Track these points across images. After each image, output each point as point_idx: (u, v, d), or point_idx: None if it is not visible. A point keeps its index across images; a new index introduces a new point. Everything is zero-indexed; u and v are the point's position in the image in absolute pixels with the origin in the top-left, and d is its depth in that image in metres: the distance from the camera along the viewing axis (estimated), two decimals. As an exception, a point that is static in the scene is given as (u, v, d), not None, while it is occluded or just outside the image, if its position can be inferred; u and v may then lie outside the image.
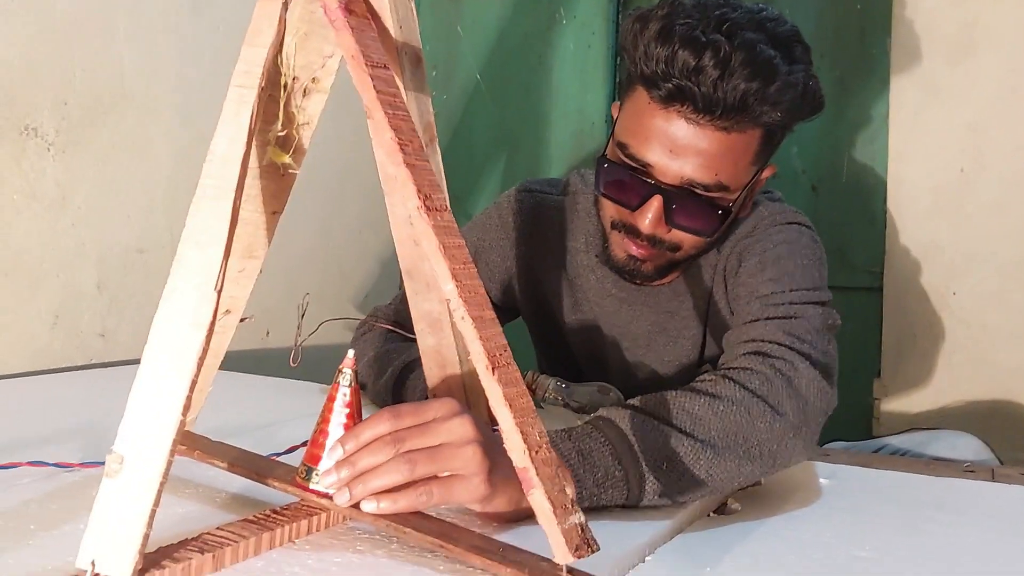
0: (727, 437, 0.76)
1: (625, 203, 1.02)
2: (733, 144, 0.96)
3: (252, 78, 0.62)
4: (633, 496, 0.74)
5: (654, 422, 0.75)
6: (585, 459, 0.72)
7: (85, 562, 0.54)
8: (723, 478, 0.76)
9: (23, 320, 1.32)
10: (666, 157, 0.96)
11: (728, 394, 0.79)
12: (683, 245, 1.03)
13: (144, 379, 0.56)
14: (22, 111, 1.30)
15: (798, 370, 0.84)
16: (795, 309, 0.93)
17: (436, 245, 0.61)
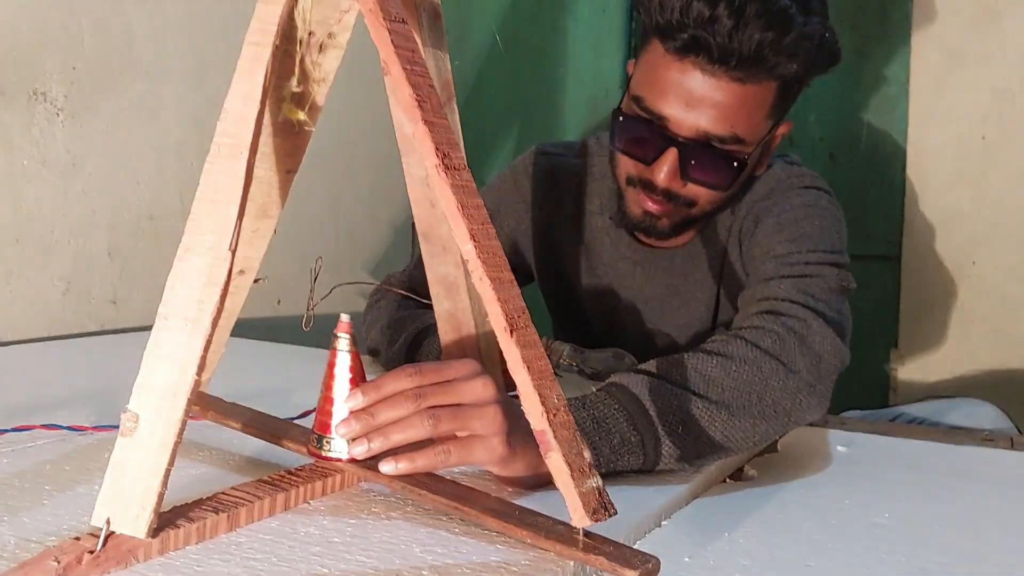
0: (741, 397, 0.76)
1: (641, 157, 1.01)
2: (748, 96, 0.96)
3: (266, 35, 0.61)
4: (649, 461, 0.73)
5: (668, 385, 0.75)
6: (600, 426, 0.72)
7: (100, 520, 0.53)
8: (739, 438, 0.76)
9: (35, 287, 1.32)
10: (682, 109, 0.96)
11: (740, 354, 0.78)
12: (699, 200, 1.03)
13: (159, 337, 0.56)
14: (30, 76, 1.29)
15: (811, 327, 0.83)
16: (811, 269, 0.93)
17: (454, 204, 0.60)
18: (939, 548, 0.66)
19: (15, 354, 1.20)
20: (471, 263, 0.60)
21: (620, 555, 0.55)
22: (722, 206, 1.07)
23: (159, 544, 0.54)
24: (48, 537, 0.57)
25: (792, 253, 0.96)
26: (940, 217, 1.65)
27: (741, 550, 0.64)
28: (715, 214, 1.08)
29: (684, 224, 1.07)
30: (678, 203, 1.03)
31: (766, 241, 1.00)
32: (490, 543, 0.59)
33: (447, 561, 0.56)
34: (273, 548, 0.57)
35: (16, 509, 0.61)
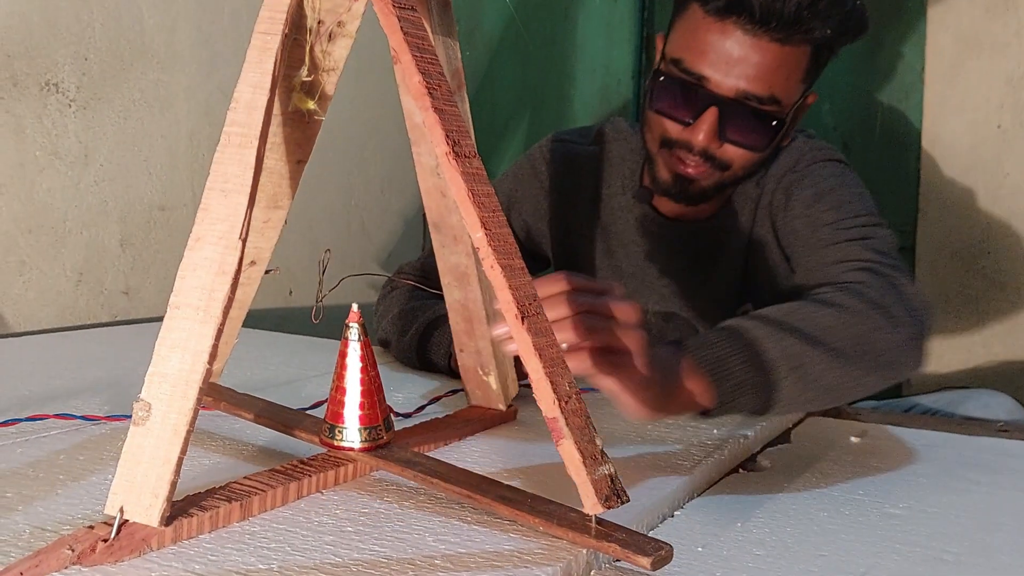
0: (855, 347, 0.78)
1: (679, 118, 1.03)
2: (786, 58, 0.98)
3: (276, 24, 0.61)
4: (766, 404, 0.75)
5: (784, 331, 0.76)
6: (720, 367, 0.74)
7: (113, 509, 0.53)
8: (850, 386, 0.78)
9: (48, 277, 1.32)
10: (722, 68, 0.98)
11: (852, 305, 0.80)
12: (733, 163, 1.04)
13: (170, 327, 0.56)
14: (42, 67, 1.29)
15: (905, 285, 0.86)
16: (867, 231, 0.96)
17: (465, 192, 0.60)
18: (954, 539, 0.66)
19: (29, 344, 1.21)
20: (482, 251, 0.60)
21: (633, 542, 0.55)
22: (751, 173, 1.08)
23: (172, 532, 0.55)
24: (62, 526, 0.57)
25: (843, 219, 0.99)
26: (955, 206, 1.63)
27: (754, 540, 0.63)
28: (744, 180, 1.09)
29: (715, 189, 1.08)
30: (713, 166, 1.04)
31: (808, 212, 1.03)
32: (502, 531, 0.59)
33: (460, 550, 0.56)
34: (286, 537, 0.57)
35: (30, 498, 0.62)
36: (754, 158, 1.05)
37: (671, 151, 1.05)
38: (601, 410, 0.93)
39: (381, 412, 0.68)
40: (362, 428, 0.67)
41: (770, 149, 1.05)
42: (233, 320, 0.79)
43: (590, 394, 0.99)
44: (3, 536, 0.55)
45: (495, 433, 0.84)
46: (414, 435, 0.77)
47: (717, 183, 1.07)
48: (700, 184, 1.06)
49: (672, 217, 1.15)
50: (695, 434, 0.85)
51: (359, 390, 0.67)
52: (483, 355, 0.84)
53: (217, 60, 1.54)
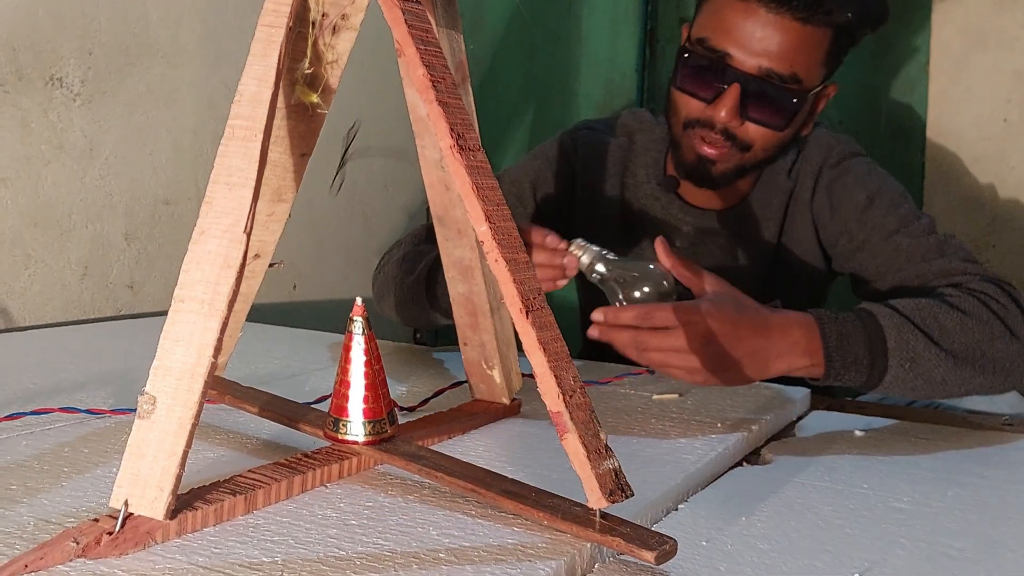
0: (968, 351, 0.87)
1: (702, 96, 1.05)
2: (808, 37, 1.01)
3: (280, 17, 0.61)
4: (871, 382, 0.85)
5: (909, 325, 0.85)
6: (842, 341, 0.84)
7: (118, 502, 0.53)
8: (955, 384, 0.87)
9: (54, 271, 1.33)
10: (746, 46, 1.01)
11: (975, 312, 0.89)
12: (754, 144, 1.06)
13: (175, 320, 0.56)
14: (47, 61, 1.29)
15: (1021, 301, 0.94)
16: (937, 238, 1.03)
17: (469, 185, 0.59)
18: (959, 534, 0.65)
19: (34, 338, 1.21)
20: (486, 244, 0.60)
21: (637, 536, 0.55)
22: (771, 158, 1.09)
23: (177, 526, 0.55)
24: (67, 518, 0.57)
25: (908, 225, 1.05)
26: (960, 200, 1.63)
27: (759, 534, 0.63)
28: (766, 164, 1.10)
29: (736, 172, 1.09)
30: (734, 146, 1.05)
31: (864, 216, 1.08)
32: (506, 525, 0.59)
33: (464, 544, 0.56)
34: (290, 530, 0.57)
35: (35, 490, 0.62)
36: (774, 139, 1.06)
37: (694, 131, 1.06)
38: (605, 403, 0.94)
39: (385, 406, 0.68)
40: (366, 422, 0.67)
41: (790, 132, 1.06)
42: (238, 313, 0.79)
43: (594, 387, 1.00)
44: (8, 528, 0.55)
45: (499, 427, 0.84)
46: (418, 429, 0.77)
47: (738, 165, 1.08)
48: (721, 166, 1.07)
49: (698, 206, 1.16)
50: (699, 428, 0.85)
51: (363, 384, 0.67)
52: (487, 349, 0.84)
53: (222, 54, 1.54)
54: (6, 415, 0.76)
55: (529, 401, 0.86)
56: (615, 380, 1.03)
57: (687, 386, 1.00)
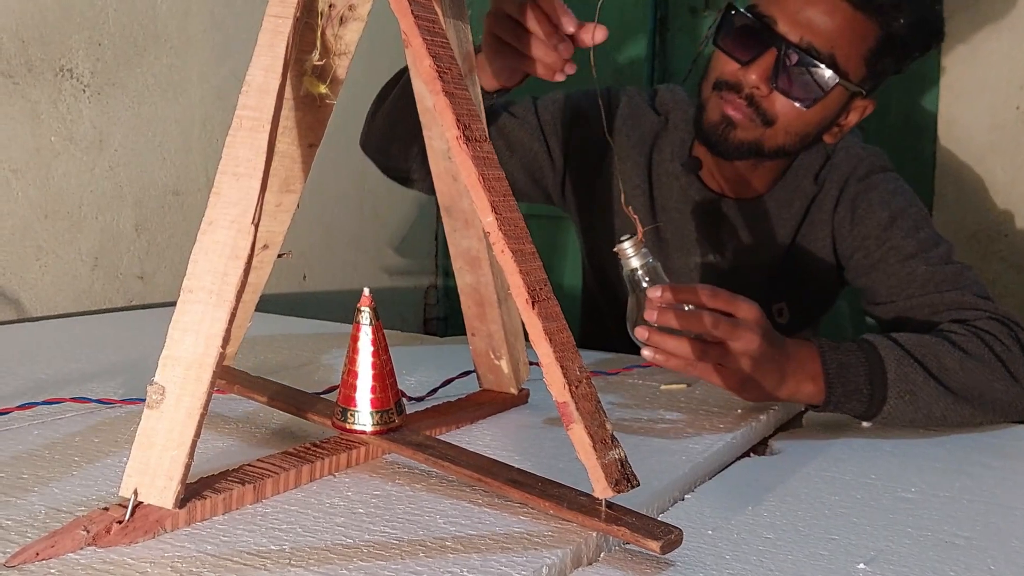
0: (967, 390, 0.88)
1: (738, 56, 1.04)
2: (856, 25, 1.00)
3: (287, 7, 0.60)
4: (869, 413, 0.86)
5: (911, 359, 0.86)
6: (843, 371, 0.84)
7: (128, 491, 0.54)
8: (954, 420, 0.88)
9: (65, 262, 1.33)
10: (792, 15, 1.01)
11: (978, 353, 0.90)
12: (777, 119, 1.04)
13: (184, 310, 0.56)
14: (57, 52, 1.30)
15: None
16: (954, 268, 1.03)
17: (475, 176, 0.60)
18: (966, 523, 0.65)
19: (45, 328, 1.22)
20: (492, 235, 0.60)
21: (643, 526, 0.55)
22: (792, 146, 1.08)
23: (186, 514, 0.55)
24: (77, 507, 0.58)
25: (926, 250, 1.05)
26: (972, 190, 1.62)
27: (765, 523, 0.63)
28: (783, 154, 1.09)
29: (753, 148, 1.07)
30: (758, 115, 1.04)
31: (884, 235, 1.07)
32: (513, 514, 0.59)
33: (470, 532, 0.56)
34: (298, 519, 0.57)
35: (46, 480, 0.62)
36: (798, 120, 1.04)
37: (720, 93, 1.05)
38: (612, 393, 0.94)
39: (393, 396, 0.69)
40: (374, 412, 0.67)
41: (814, 119, 1.05)
42: (246, 304, 0.79)
43: (602, 377, 1.00)
44: (20, 517, 0.56)
45: (507, 416, 0.84)
46: (426, 419, 0.77)
47: (757, 140, 1.06)
48: (741, 133, 1.05)
49: (717, 191, 1.16)
50: (707, 418, 0.85)
51: (371, 374, 0.67)
52: (495, 339, 0.84)
53: (230, 45, 1.54)
54: (18, 405, 0.77)
55: (537, 391, 0.86)
56: (623, 371, 1.03)
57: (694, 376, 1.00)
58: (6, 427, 0.74)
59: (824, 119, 1.06)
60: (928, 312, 1.02)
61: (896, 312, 1.05)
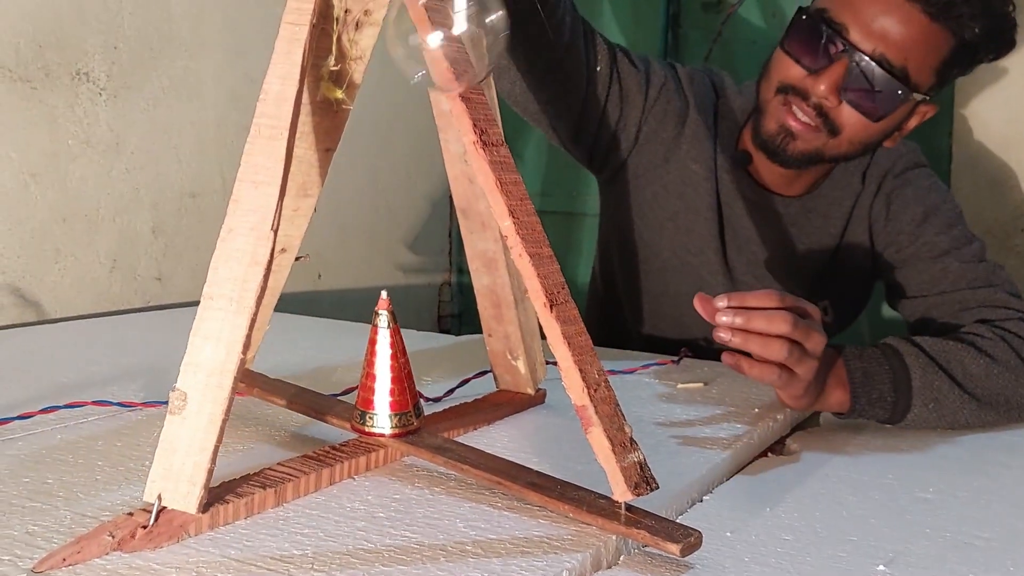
0: (992, 395, 0.88)
1: (807, 63, 1.00)
2: (930, 36, 0.97)
3: (303, 15, 0.61)
4: (893, 419, 0.86)
5: (935, 366, 0.86)
6: (868, 379, 0.84)
7: (152, 496, 0.54)
8: (976, 424, 0.89)
9: (83, 264, 1.35)
10: (866, 24, 0.97)
11: (1003, 358, 0.90)
12: (843, 130, 1.01)
13: (204, 317, 0.57)
14: (73, 57, 1.31)
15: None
16: (986, 266, 1.03)
17: (493, 181, 0.60)
18: (984, 523, 0.65)
19: (65, 330, 1.23)
20: (510, 239, 0.60)
21: (662, 529, 0.56)
22: (850, 154, 1.05)
23: (209, 519, 0.56)
24: (102, 512, 0.58)
25: (959, 247, 1.05)
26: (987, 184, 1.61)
27: (783, 525, 0.63)
28: (845, 158, 1.06)
29: (812, 157, 1.04)
30: (822, 125, 1.01)
31: (918, 231, 1.07)
32: (532, 518, 0.60)
33: (490, 536, 0.57)
34: (319, 523, 0.58)
35: (71, 484, 0.63)
36: (863, 131, 1.01)
37: (785, 97, 1.02)
38: (629, 392, 0.94)
39: (411, 398, 0.69)
40: (392, 414, 0.68)
41: (879, 129, 1.02)
42: (265, 307, 0.80)
43: (619, 376, 1.00)
44: (46, 522, 0.56)
45: (524, 417, 0.84)
46: (444, 420, 0.78)
47: (818, 149, 1.03)
48: (801, 144, 1.02)
49: (765, 187, 1.14)
50: (724, 417, 0.85)
51: (389, 377, 0.68)
52: (511, 339, 0.84)
53: (244, 46, 1.55)
54: (41, 408, 0.78)
55: (554, 390, 0.87)
56: (640, 369, 1.04)
57: (712, 375, 1.00)
58: (30, 431, 0.75)
59: (889, 128, 1.04)
60: (958, 308, 1.01)
61: (925, 307, 1.05)
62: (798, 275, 1.16)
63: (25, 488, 0.62)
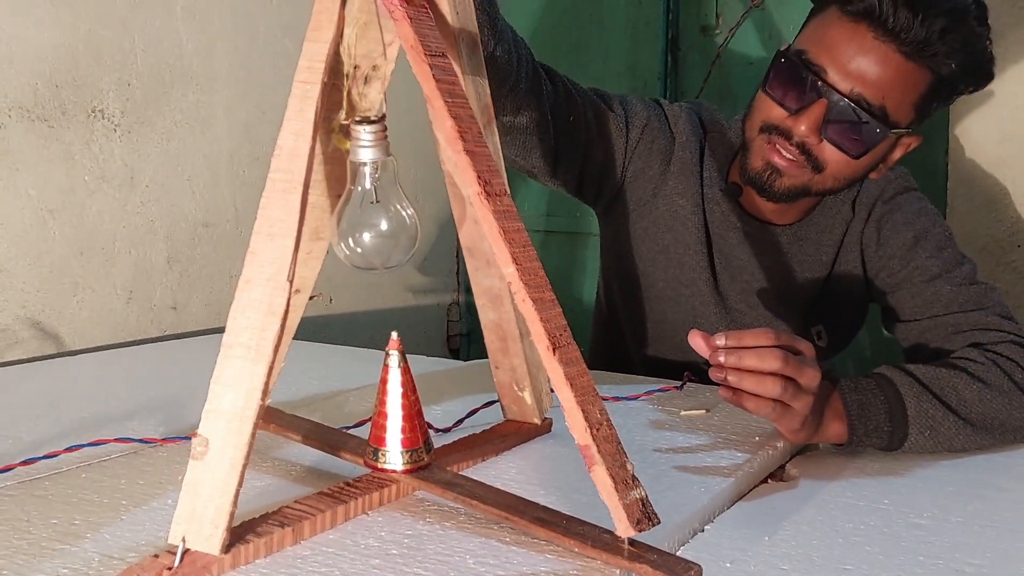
0: (986, 420, 0.90)
1: (787, 104, 1.02)
2: (907, 74, 0.98)
3: (315, 73, 0.64)
4: (891, 447, 0.89)
5: (929, 395, 0.89)
6: (863, 411, 0.87)
7: (176, 538, 0.57)
8: (972, 448, 0.91)
9: (100, 296, 1.38)
10: (843, 65, 0.99)
11: (996, 383, 0.92)
12: (826, 167, 1.03)
13: (224, 365, 0.59)
14: (89, 95, 1.35)
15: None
16: (977, 289, 1.05)
17: (496, 230, 0.63)
18: (977, 549, 0.68)
19: (84, 362, 1.26)
20: (513, 284, 0.63)
21: (664, 563, 0.58)
22: (836, 188, 1.08)
23: (231, 559, 0.59)
24: (128, 552, 0.61)
25: (950, 271, 1.07)
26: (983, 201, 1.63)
27: (780, 553, 0.66)
28: (831, 192, 1.09)
29: (799, 192, 1.07)
30: (808, 161, 1.03)
31: (909, 255, 1.09)
32: (539, 552, 0.62)
33: (499, 572, 0.59)
34: (335, 561, 0.60)
35: (97, 525, 0.66)
36: (847, 168, 1.04)
37: (769, 136, 1.05)
38: (632, 418, 0.97)
39: (421, 434, 0.72)
40: (404, 451, 0.71)
41: (863, 165, 1.04)
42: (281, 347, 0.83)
43: (622, 403, 1.03)
44: (75, 565, 0.59)
45: (531, 447, 0.87)
46: (453, 452, 0.80)
47: (804, 184, 1.05)
48: (787, 180, 1.05)
49: (757, 217, 1.16)
50: (726, 445, 0.88)
51: (400, 415, 0.70)
52: (518, 372, 0.87)
53: (254, 79, 1.59)
54: (65, 448, 0.81)
55: (560, 419, 0.89)
56: (644, 396, 1.06)
57: (714, 401, 1.02)
58: (56, 470, 0.78)
59: (872, 163, 1.06)
60: (950, 331, 1.03)
61: (919, 331, 1.07)
62: (791, 302, 1.18)
63: (54, 530, 0.65)
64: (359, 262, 0.74)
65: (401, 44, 0.66)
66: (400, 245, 0.76)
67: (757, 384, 0.78)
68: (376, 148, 0.71)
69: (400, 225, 0.75)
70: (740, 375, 0.78)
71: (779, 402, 0.78)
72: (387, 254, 0.75)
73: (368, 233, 0.73)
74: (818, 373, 0.79)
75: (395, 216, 0.74)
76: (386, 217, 0.74)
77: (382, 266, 0.76)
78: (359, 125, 0.70)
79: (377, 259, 0.75)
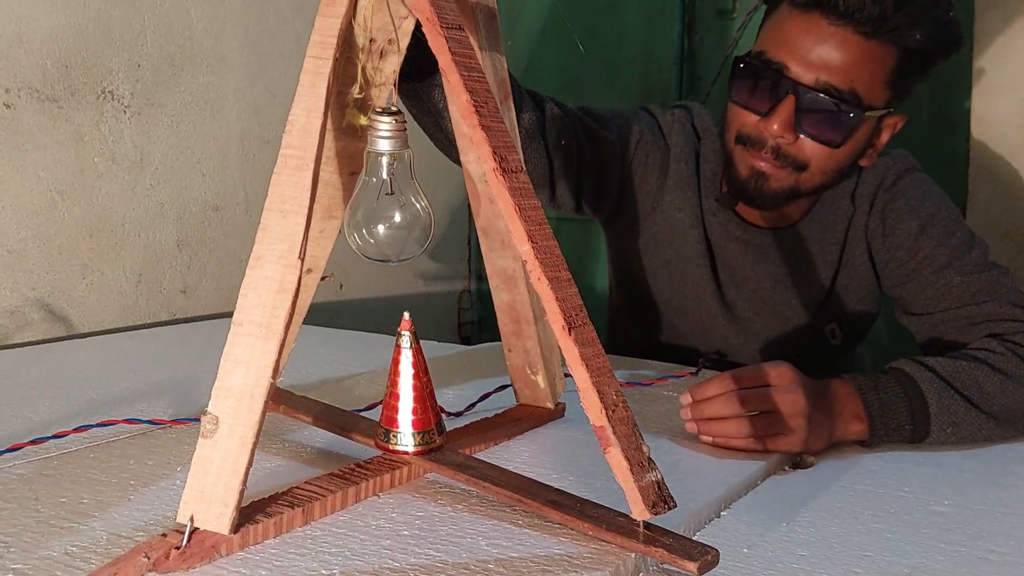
0: (1009, 412, 0.89)
1: (756, 108, 1.01)
2: (870, 53, 0.97)
3: (327, 48, 0.63)
4: (914, 442, 0.88)
5: (950, 390, 0.88)
6: (885, 409, 0.86)
7: (185, 518, 0.56)
8: (996, 440, 0.90)
9: (110, 279, 1.37)
10: (804, 57, 0.98)
11: (1016, 372, 0.91)
12: (810, 163, 1.02)
13: (234, 343, 0.58)
14: (98, 75, 1.34)
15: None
16: (989, 276, 1.02)
17: (512, 206, 0.61)
18: (999, 537, 0.66)
19: (93, 345, 1.26)
20: (529, 263, 0.62)
21: (680, 547, 0.57)
22: (828, 182, 1.06)
23: (240, 539, 0.58)
24: (137, 532, 0.60)
25: (959, 258, 1.04)
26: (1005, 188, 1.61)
27: (799, 540, 0.65)
28: (823, 188, 1.07)
29: (791, 194, 1.05)
30: (788, 163, 1.02)
31: (916, 244, 1.07)
32: (552, 535, 0.61)
33: (511, 554, 0.58)
34: (346, 542, 0.59)
35: (106, 504, 0.65)
36: (830, 159, 1.02)
37: (745, 147, 1.03)
38: (648, 404, 0.95)
39: (433, 416, 0.71)
40: (415, 432, 0.70)
41: (847, 153, 1.02)
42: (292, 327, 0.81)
43: (638, 389, 1.02)
44: (83, 543, 0.58)
45: (544, 431, 0.86)
46: (465, 436, 0.79)
47: (793, 186, 1.04)
48: (774, 184, 1.03)
49: (755, 224, 1.14)
50: (741, 431, 0.86)
51: (412, 396, 0.70)
52: (531, 355, 0.86)
53: (265, 61, 1.57)
54: (74, 427, 0.80)
55: (573, 403, 0.88)
56: (659, 382, 1.05)
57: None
58: (64, 449, 0.77)
59: (856, 149, 1.04)
60: (965, 323, 1.01)
61: (932, 324, 1.05)
62: (800, 305, 1.16)
63: (62, 508, 0.64)
64: (373, 253, 0.73)
65: (416, 16, 0.65)
66: (414, 237, 0.75)
67: (722, 429, 0.81)
68: (396, 139, 0.70)
69: (414, 217, 0.74)
70: (708, 426, 0.82)
71: (763, 436, 0.81)
72: (401, 246, 0.74)
73: (382, 225, 0.72)
74: (797, 395, 0.81)
75: (409, 208, 0.73)
76: (400, 209, 0.73)
77: (396, 258, 0.75)
78: (380, 115, 0.69)
79: (391, 251, 0.74)
